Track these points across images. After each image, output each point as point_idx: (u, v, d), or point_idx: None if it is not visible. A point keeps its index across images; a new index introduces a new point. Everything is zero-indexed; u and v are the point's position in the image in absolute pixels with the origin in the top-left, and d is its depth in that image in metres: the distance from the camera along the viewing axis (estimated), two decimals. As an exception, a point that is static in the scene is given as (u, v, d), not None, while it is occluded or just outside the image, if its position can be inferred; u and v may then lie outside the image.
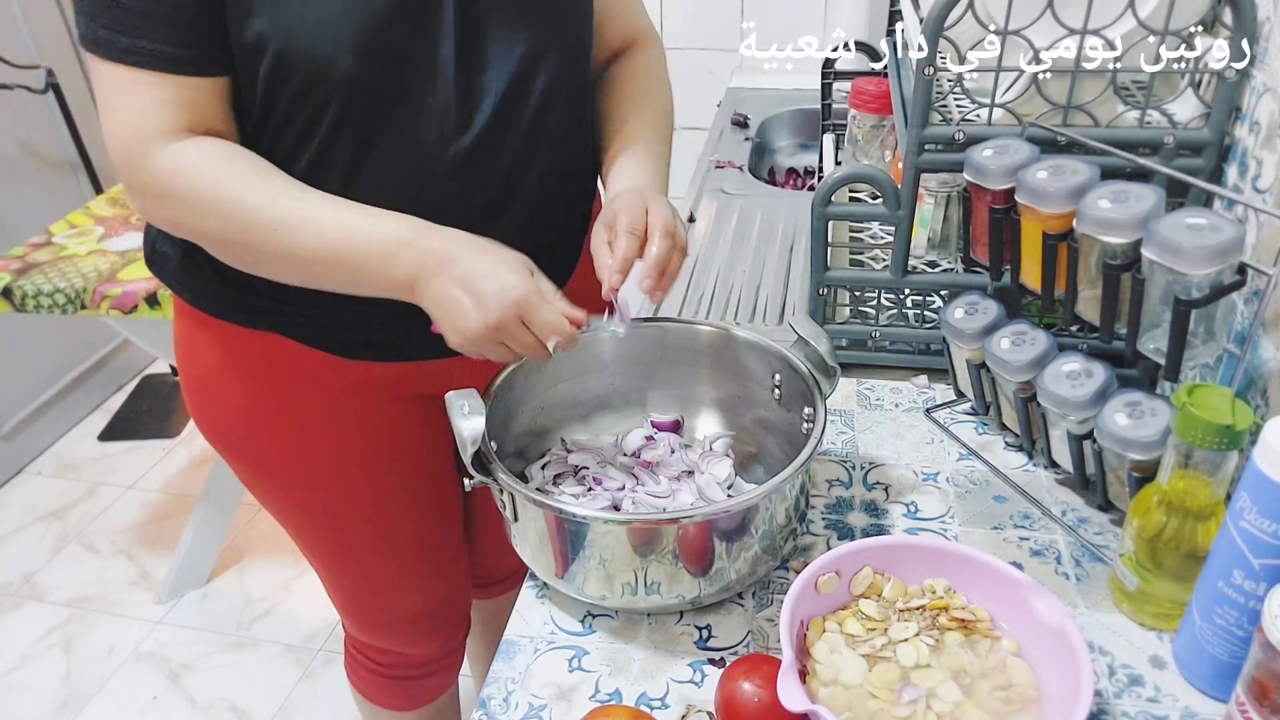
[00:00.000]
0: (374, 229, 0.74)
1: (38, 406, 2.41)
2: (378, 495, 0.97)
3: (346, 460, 0.94)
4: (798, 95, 1.91)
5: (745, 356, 0.84)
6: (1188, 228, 0.65)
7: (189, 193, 0.74)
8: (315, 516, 0.99)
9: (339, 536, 1.00)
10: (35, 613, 1.98)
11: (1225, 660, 0.62)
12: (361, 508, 0.98)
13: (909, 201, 0.88)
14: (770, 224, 1.39)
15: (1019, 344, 0.80)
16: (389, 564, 1.03)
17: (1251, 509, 0.57)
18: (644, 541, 0.67)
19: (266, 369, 0.89)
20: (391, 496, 0.98)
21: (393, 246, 0.73)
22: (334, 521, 0.99)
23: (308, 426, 0.92)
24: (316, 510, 0.99)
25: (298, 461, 0.95)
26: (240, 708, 1.77)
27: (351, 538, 1.00)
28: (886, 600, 0.67)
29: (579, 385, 0.88)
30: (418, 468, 0.99)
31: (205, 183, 0.73)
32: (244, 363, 0.90)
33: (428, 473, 1.00)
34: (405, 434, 0.96)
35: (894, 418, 0.93)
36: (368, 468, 0.95)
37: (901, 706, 0.60)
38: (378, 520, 0.99)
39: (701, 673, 0.68)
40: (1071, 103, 0.80)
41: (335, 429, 0.93)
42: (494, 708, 0.66)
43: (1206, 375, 0.79)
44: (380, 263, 0.74)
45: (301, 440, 0.93)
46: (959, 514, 0.81)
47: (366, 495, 0.97)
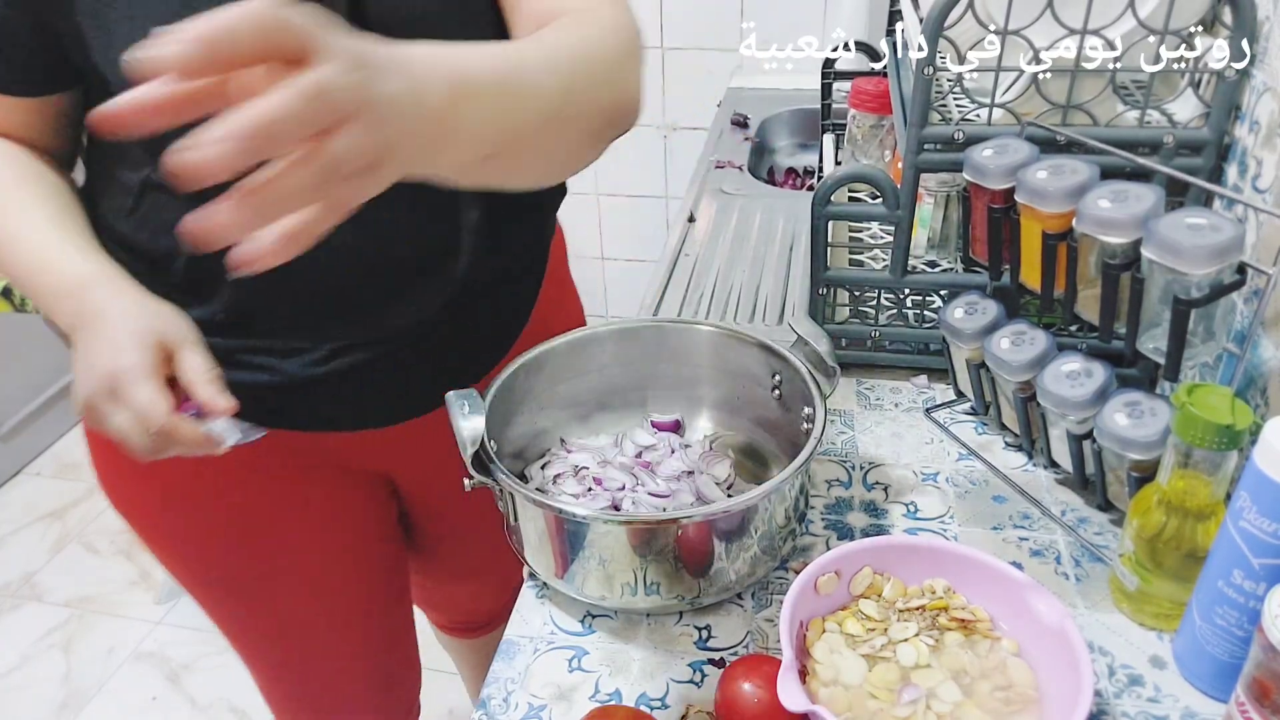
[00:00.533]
0: (61, 266, 0.69)
1: (38, 406, 2.41)
2: (329, 583, 0.93)
3: (290, 550, 0.89)
4: (798, 95, 1.91)
5: (745, 356, 0.84)
6: (1187, 227, 0.65)
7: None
8: (257, 615, 0.94)
9: (282, 628, 0.95)
10: (35, 613, 1.98)
11: (1225, 660, 0.62)
12: (308, 599, 0.92)
13: (908, 201, 0.88)
14: (770, 224, 1.39)
15: (1018, 344, 0.80)
16: (338, 651, 0.98)
17: (1251, 509, 0.57)
18: (644, 541, 0.67)
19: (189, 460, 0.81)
20: (342, 582, 0.94)
21: (63, 289, 0.69)
22: (277, 615, 0.93)
23: (246, 520, 0.86)
24: (259, 608, 0.93)
25: (238, 564, 0.88)
26: (240, 708, 1.77)
27: (297, 628, 0.95)
28: (886, 600, 0.67)
29: (579, 385, 0.88)
30: (367, 548, 0.94)
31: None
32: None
33: (377, 554, 0.96)
34: (353, 515, 0.92)
35: (894, 418, 0.93)
36: (314, 556, 0.90)
37: (901, 706, 0.60)
38: (326, 609, 0.94)
39: (701, 673, 0.68)
40: (1071, 102, 0.80)
41: (276, 516, 0.87)
42: (494, 708, 0.66)
43: (1206, 375, 0.79)
44: (52, 303, 0.69)
45: (241, 537, 0.87)
46: (959, 514, 0.81)
47: (315, 585, 0.92)
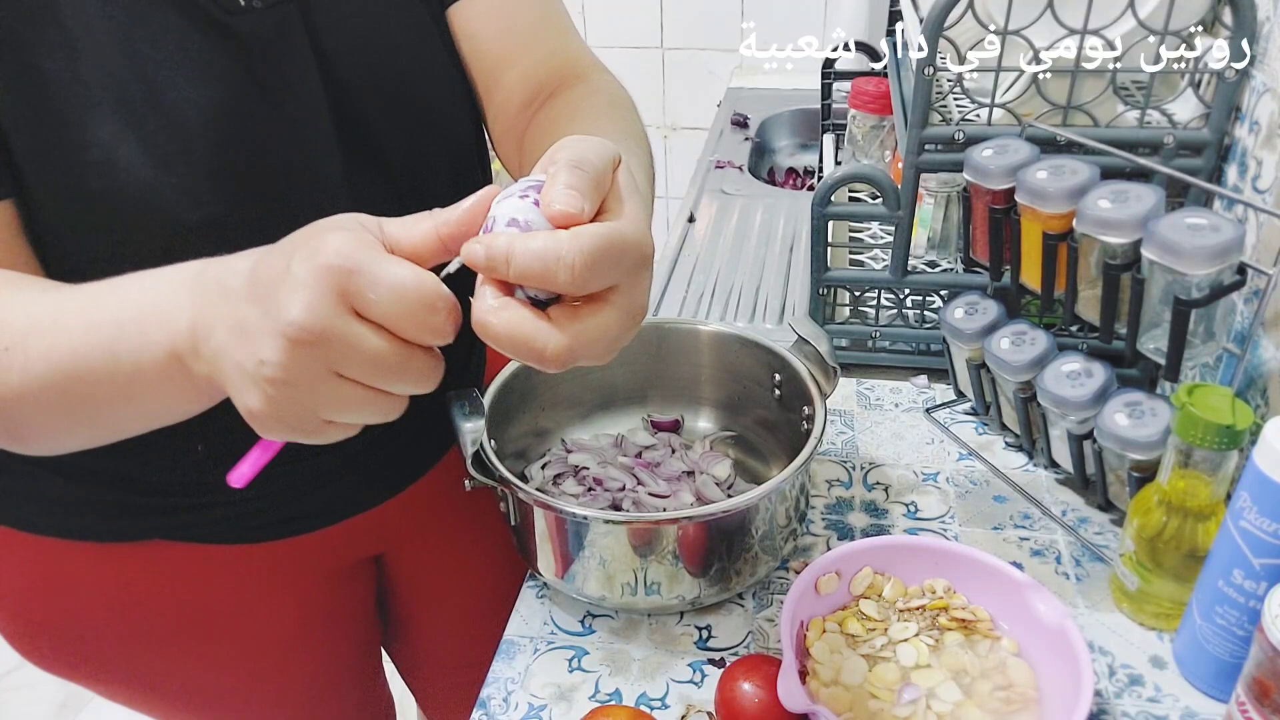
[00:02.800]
0: (137, 287, 0.48)
1: (38, 407, 2.41)
2: (309, 683, 0.86)
3: (272, 659, 0.81)
4: (798, 95, 1.91)
5: (745, 356, 0.84)
6: (1188, 228, 0.65)
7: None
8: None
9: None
10: (35, 613, 1.98)
11: (1225, 660, 0.62)
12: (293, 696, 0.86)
13: (909, 201, 0.88)
14: (770, 224, 1.39)
15: (1019, 344, 0.80)
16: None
17: (1251, 508, 0.57)
18: (644, 542, 0.67)
19: (150, 586, 0.72)
20: (319, 678, 0.87)
21: (159, 296, 0.47)
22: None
23: (214, 640, 0.77)
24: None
25: (215, 682, 0.80)
26: (240, 708, 1.77)
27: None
28: (886, 600, 0.67)
29: (579, 385, 0.88)
30: (347, 641, 0.88)
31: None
32: (117, 584, 0.72)
33: (357, 643, 0.90)
34: (333, 609, 0.85)
35: (894, 418, 0.93)
36: (298, 656, 0.83)
37: (901, 706, 0.60)
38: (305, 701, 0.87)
39: (701, 673, 0.68)
40: (1071, 103, 0.80)
41: (250, 632, 0.79)
42: (494, 708, 0.66)
43: (1206, 375, 0.79)
44: (134, 326, 0.47)
45: (208, 658, 0.78)
46: (959, 514, 0.81)
47: (298, 684, 0.85)
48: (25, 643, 0.76)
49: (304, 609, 0.82)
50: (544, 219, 0.40)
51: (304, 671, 0.86)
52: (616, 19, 2.17)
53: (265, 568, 0.77)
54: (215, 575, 0.75)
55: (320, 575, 0.82)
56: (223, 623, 0.78)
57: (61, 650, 0.76)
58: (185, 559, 0.73)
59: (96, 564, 0.72)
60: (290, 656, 0.84)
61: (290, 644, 0.83)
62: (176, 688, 0.81)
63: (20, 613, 0.75)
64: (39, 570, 0.73)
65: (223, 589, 0.76)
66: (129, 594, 0.74)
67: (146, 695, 0.82)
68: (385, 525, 0.84)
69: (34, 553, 0.72)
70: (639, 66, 2.22)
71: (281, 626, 0.81)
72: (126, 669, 0.78)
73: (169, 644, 0.77)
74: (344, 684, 0.92)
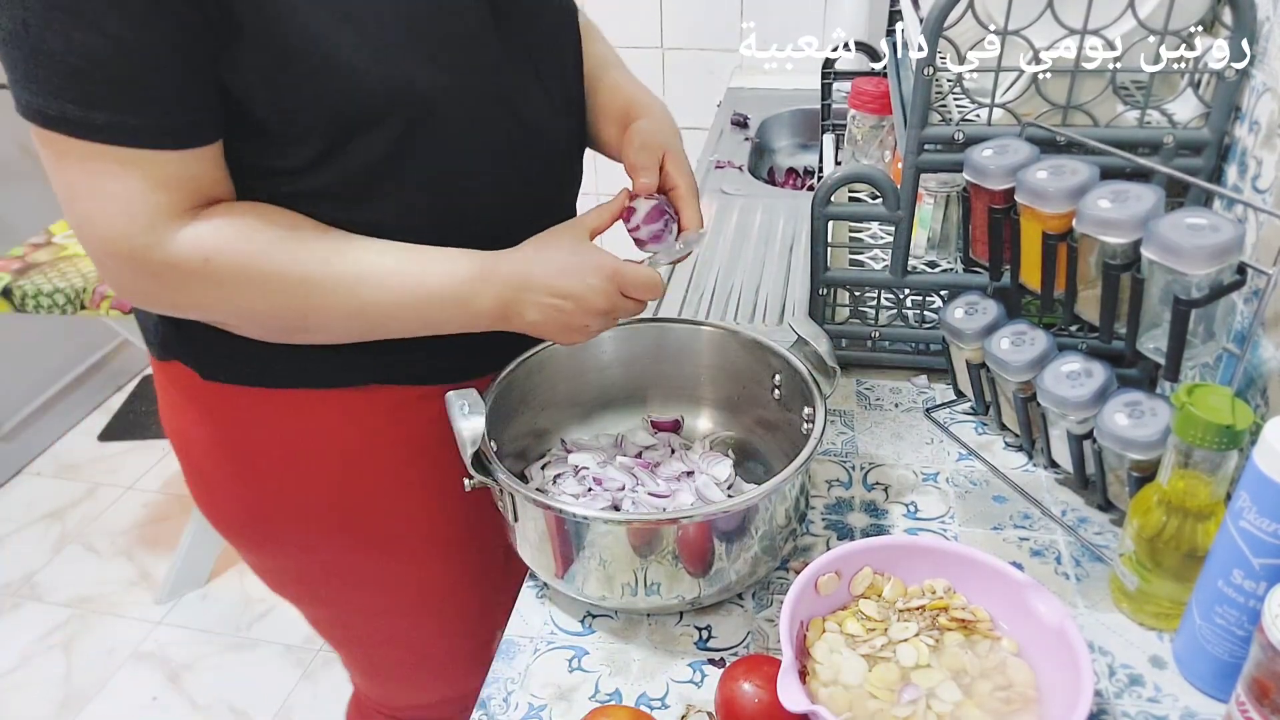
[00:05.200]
0: (441, 275, 0.71)
1: (38, 406, 2.41)
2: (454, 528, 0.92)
3: (438, 494, 0.88)
4: (798, 95, 1.91)
5: (745, 356, 0.84)
6: (1187, 228, 0.65)
7: (229, 277, 0.66)
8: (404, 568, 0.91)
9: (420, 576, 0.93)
10: (35, 613, 1.98)
11: (1225, 660, 0.62)
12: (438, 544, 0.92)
13: (909, 201, 0.88)
14: (770, 224, 1.39)
15: (1019, 344, 0.80)
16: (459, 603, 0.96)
17: (1251, 508, 0.57)
18: (644, 542, 0.67)
19: (379, 424, 0.83)
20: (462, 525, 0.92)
21: (465, 287, 0.71)
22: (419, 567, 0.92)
23: (418, 468, 0.87)
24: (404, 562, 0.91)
25: (410, 514, 0.88)
26: (240, 708, 1.77)
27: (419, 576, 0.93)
28: (886, 600, 0.67)
29: (579, 385, 0.88)
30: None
31: (246, 262, 0.66)
32: (349, 427, 0.82)
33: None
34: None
35: (894, 418, 0.93)
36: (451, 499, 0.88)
37: (901, 706, 0.60)
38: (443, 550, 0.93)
39: (701, 673, 0.68)
40: (1071, 103, 0.80)
41: (433, 464, 0.86)
42: (494, 708, 0.66)
43: (1206, 375, 0.79)
44: (458, 310, 0.72)
45: (413, 485, 0.87)
46: (959, 514, 0.81)
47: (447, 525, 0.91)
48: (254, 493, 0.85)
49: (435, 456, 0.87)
50: (650, 213, 0.78)
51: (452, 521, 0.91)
52: (616, 19, 2.17)
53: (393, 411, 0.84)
54: (418, 414, 0.84)
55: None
56: (419, 462, 0.86)
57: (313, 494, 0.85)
58: (400, 399, 0.83)
59: (323, 406, 0.81)
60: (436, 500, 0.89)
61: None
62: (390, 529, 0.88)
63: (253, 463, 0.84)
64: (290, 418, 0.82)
65: (420, 428, 0.84)
66: (359, 431, 0.83)
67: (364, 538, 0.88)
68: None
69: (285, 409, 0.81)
70: (639, 66, 2.20)
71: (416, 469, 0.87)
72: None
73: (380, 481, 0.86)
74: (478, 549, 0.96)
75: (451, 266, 0.72)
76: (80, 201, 0.64)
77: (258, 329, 0.73)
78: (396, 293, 0.71)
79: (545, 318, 0.73)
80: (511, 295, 0.72)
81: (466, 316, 0.73)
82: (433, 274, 0.71)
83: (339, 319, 0.71)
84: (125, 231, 0.63)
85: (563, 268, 0.72)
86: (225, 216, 0.67)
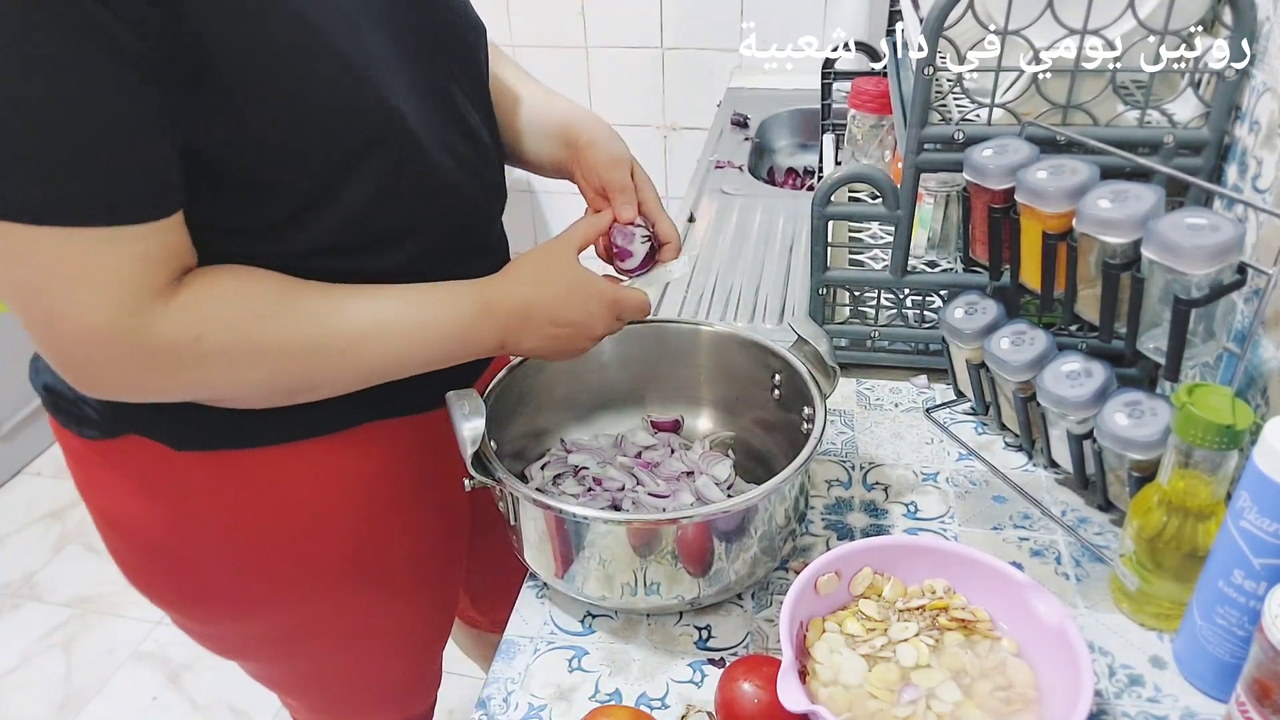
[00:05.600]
0: (444, 318, 0.70)
1: (38, 406, 2.41)
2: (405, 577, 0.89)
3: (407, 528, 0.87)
4: (798, 95, 1.91)
5: (745, 356, 0.84)
6: (1187, 227, 0.65)
7: (224, 352, 0.61)
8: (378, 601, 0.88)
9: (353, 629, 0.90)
10: (35, 613, 1.98)
11: (1225, 660, 0.62)
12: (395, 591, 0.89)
13: (908, 201, 0.88)
14: (770, 224, 1.39)
15: (1018, 344, 0.80)
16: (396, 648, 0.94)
17: (1252, 508, 0.57)
18: (644, 542, 0.67)
19: (363, 465, 0.80)
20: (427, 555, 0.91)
21: (468, 327, 0.71)
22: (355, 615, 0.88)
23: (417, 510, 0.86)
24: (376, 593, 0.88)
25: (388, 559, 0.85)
26: (240, 708, 1.77)
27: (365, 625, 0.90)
28: (886, 600, 0.67)
29: (578, 385, 0.88)
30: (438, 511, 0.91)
31: (241, 335, 0.62)
32: (338, 474, 0.79)
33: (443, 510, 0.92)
34: (438, 507, 0.90)
35: (894, 418, 0.93)
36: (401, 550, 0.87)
37: (901, 706, 0.60)
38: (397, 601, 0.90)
39: (701, 673, 0.68)
40: (1071, 102, 0.80)
41: (410, 498, 0.85)
42: (494, 708, 0.66)
43: (1206, 374, 0.79)
44: (461, 347, 0.71)
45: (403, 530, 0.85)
46: (959, 514, 0.81)
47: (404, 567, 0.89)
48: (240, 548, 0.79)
49: (419, 496, 0.86)
50: (640, 239, 0.80)
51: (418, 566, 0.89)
52: (616, 19, 2.17)
53: (378, 449, 0.81)
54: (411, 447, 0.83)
55: (424, 468, 0.86)
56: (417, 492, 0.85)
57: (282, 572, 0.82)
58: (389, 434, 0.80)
59: (307, 461, 0.77)
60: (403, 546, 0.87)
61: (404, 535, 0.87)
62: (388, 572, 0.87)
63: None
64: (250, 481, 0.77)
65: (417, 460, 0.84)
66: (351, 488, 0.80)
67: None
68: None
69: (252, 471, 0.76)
70: (639, 66, 2.22)
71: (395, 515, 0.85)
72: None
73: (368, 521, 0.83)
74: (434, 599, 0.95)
75: (453, 308, 0.70)
76: (47, 296, 0.56)
77: (256, 400, 0.68)
78: (400, 345, 0.69)
79: (544, 345, 0.74)
80: (514, 327, 0.72)
81: (468, 352, 0.72)
82: (435, 319, 0.70)
83: (344, 379, 0.69)
84: (109, 317, 0.57)
85: (564, 298, 0.73)
86: (208, 285, 0.61)
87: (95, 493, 0.80)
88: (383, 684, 0.97)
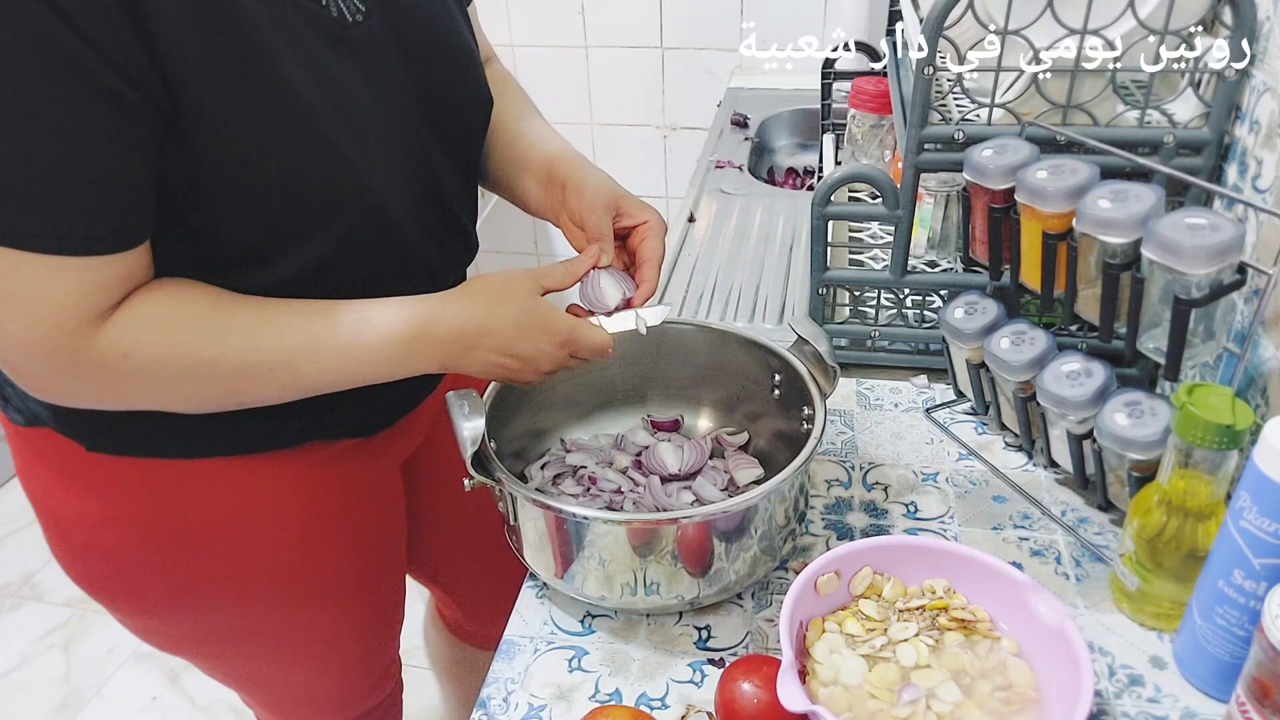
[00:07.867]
0: (376, 341, 0.68)
1: (37, 407, 2.41)
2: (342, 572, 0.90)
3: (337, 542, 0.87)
4: (797, 95, 1.91)
5: (745, 356, 0.84)
6: (1187, 227, 0.65)
7: (152, 370, 0.63)
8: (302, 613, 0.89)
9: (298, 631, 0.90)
10: (35, 613, 1.98)
11: (1225, 660, 0.62)
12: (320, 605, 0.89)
13: (908, 201, 0.88)
14: (770, 224, 1.39)
15: (1018, 344, 0.80)
16: (339, 648, 0.94)
17: (1252, 508, 0.57)
18: (643, 542, 0.66)
19: (295, 485, 0.81)
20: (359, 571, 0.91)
21: (401, 351, 0.69)
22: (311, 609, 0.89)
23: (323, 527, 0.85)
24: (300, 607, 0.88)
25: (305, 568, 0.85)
26: (240, 708, 1.77)
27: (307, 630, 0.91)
28: (886, 600, 0.67)
29: (577, 385, 0.88)
30: (375, 533, 0.92)
31: (169, 353, 0.63)
32: (269, 498, 0.80)
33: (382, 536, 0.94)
34: (373, 503, 0.90)
35: (894, 418, 0.93)
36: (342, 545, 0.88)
37: (901, 706, 0.60)
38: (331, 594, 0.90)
39: (701, 673, 0.68)
40: (1071, 102, 0.80)
41: (345, 515, 0.86)
42: (494, 708, 0.66)
43: (1206, 374, 0.79)
44: (395, 368, 0.70)
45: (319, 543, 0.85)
46: (959, 514, 0.81)
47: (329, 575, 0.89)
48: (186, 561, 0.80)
49: (344, 516, 0.86)
50: (619, 287, 0.77)
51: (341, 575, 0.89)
52: (616, 19, 2.17)
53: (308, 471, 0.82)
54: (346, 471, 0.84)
55: (354, 485, 0.86)
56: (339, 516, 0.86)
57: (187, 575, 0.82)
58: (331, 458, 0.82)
59: (253, 473, 0.78)
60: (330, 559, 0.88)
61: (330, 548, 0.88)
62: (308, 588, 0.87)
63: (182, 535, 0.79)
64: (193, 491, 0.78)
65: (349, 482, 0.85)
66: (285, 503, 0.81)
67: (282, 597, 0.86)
68: (419, 426, 0.92)
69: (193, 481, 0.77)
70: (639, 66, 2.22)
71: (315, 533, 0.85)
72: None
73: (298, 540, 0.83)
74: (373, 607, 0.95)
75: (388, 331, 0.68)
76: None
77: (189, 410, 0.70)
78: (330, 366, 0.68)
79: (489, 371, 0.72)
80: (455, 352, 0.70)
81: (404, 372, 0.70)
82: (366, 341, 0.68)
83: (273, 395, 0.68)
84: (43, 335, 0.59)
85: (514, 329, 0.70)
86: (143, 302, 0.63)
87: (25, 477, 0.82)
88: (327, 688, 0.97)
